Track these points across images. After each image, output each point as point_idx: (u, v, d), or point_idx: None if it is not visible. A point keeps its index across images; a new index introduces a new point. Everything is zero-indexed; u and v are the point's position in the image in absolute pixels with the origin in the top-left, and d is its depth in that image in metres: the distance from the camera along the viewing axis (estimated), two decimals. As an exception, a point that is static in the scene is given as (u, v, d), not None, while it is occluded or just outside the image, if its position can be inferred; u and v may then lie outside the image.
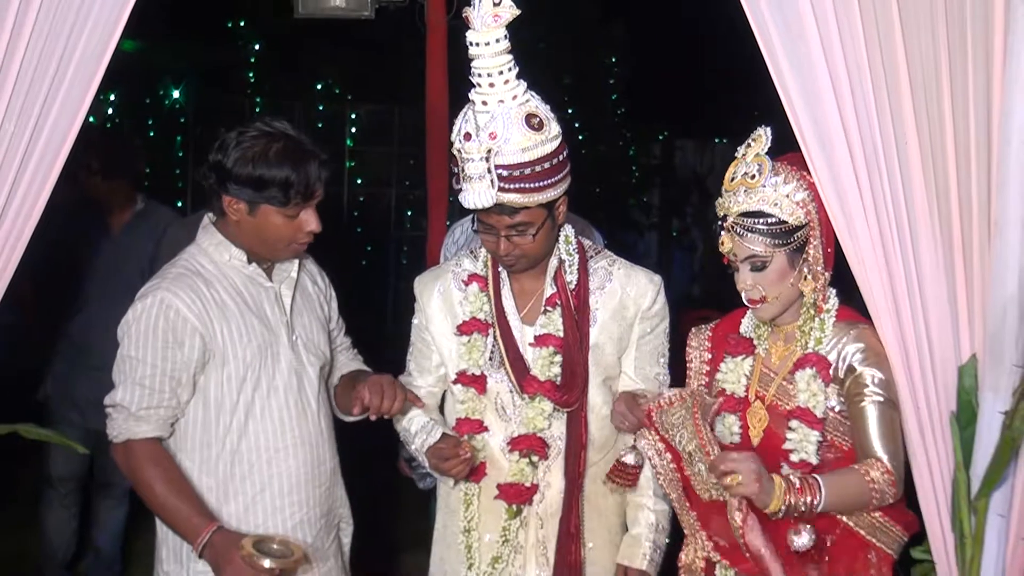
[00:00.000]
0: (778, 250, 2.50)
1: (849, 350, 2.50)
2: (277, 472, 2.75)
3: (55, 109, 2.16)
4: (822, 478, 2.42)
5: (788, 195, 2.47)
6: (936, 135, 2.21)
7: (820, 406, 2.51)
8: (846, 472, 2.46)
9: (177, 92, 7.71)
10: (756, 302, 2.57)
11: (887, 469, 2.41)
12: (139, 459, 2.64)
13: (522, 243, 2.72)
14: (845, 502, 2.44)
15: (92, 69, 2.18)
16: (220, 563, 2.54)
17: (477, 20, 2.54)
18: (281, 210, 2.64)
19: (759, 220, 2.50)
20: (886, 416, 2.44)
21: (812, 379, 2.52)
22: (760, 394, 2.62)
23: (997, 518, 2.22)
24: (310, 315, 2.88)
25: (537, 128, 2.60)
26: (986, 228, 2.20)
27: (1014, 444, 2.15)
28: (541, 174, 2.62)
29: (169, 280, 2.67)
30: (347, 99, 8.42)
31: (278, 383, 2.74)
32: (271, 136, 2.64)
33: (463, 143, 2.60)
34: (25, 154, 2.15)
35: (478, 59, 2.56)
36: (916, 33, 2.18)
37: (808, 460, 2.50)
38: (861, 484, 2.41)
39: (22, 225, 2.21)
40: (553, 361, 2.80)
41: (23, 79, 2.11)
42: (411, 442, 2.90)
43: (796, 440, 2.51)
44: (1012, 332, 2.15)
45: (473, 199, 2.61)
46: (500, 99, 2.58)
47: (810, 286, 2.52)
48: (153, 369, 2.63)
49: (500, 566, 2.84)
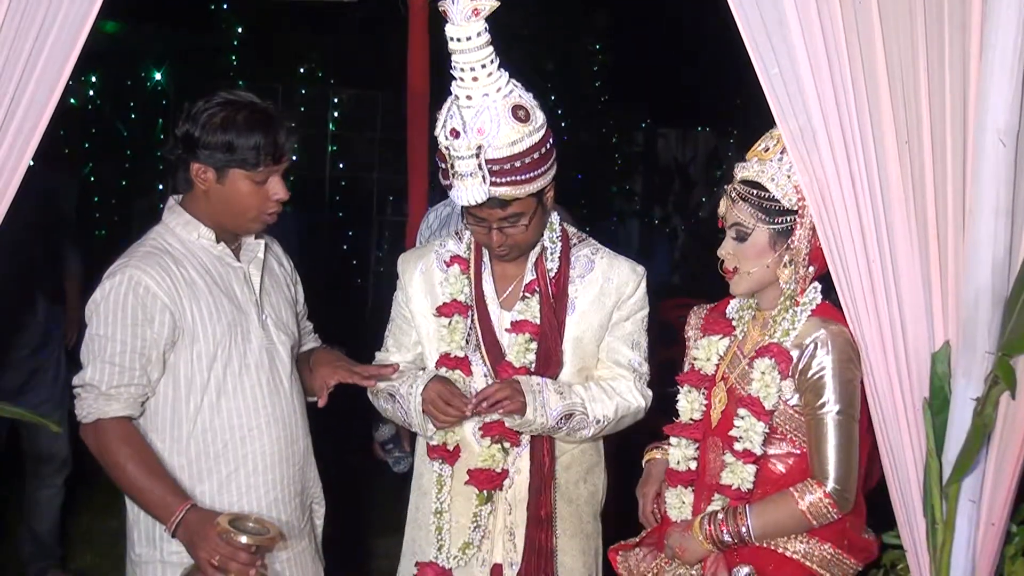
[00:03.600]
0: (761, 224, 2.51)
1: (819, 352, 2.47)
2: (251, 451, 2.74)
3: (31, 86, 2.15)
4: (750, 508, 2.47)
5: (788, 176, 2.47)
6: (912, 125, 2.22)
7: (771, 398, 2.50)
8: (778, 499, 2.49)
9: (159, 75, 7.67)
10: (730, 273, 2.58)
11: (826, 493, 2.43)
12: (110, 439, 2.62)
13: (514, 233, 2.73)
14: (780, 529, 2.48)
15: (69, 45, 2.16)
16: (195, 540, 2.53)
17: (457, 15, 2.51)
18: (250, 174, 2.65)
19: (753, 190, 2.51)
20: (843, 432, 2.44)
21: (769, 369, 2.51)
22: (725, 376, 2.64)
23: (968, 504, 2.24)
24: (278, 295, 2.88)
25: (524, 120, 2.60)
26: (960, 217, 2.21)
27: (985, 430, 2.17)
28: (530, 165, 2.63)
29: (137, 258, 2.66)
30: (329, 83, 8.39)
31: (249, 361, 2.74)
32: (237, 104, 2.67)
33: (451, 140, 2.59)
34: (0, 130, 2.14)
35: (459, 53, 2.55)
36: (894, 22, 2.19)
37: (752, 450, 2.51)
38: (793, 511, 2.45)
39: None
40: (528, 348, 2.80)
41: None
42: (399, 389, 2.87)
43: (742, 428, 2.52)
44: (985, 320, 2.16)
45: (466, 196, 2.61)
46: (484, 92, 2.57)
47: (786, 274, 2.52)
48: (123, 347, 2.61)
49: (470, 551, 2.85)
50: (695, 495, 2.66)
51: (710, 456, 2.63)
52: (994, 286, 2.16)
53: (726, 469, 2.54)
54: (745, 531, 2.46)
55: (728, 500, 2.53)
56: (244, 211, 2.70)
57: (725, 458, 2.55)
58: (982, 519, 2.26)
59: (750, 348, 2.61)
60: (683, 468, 2.68)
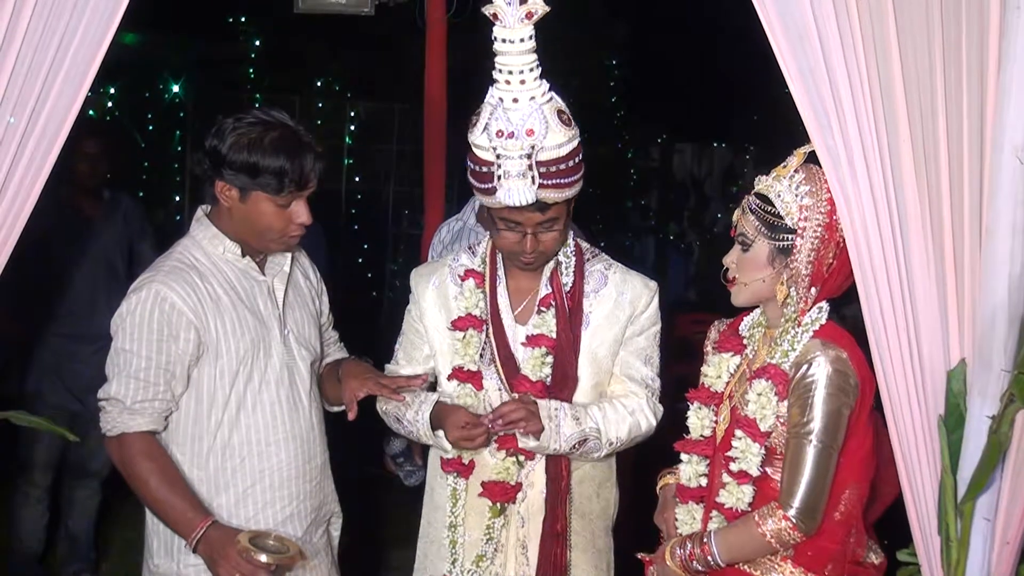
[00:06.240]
0: (762, 238, 2.50)
1: (811, 375, 2.44)
2: (268, 466, 2.75)
3: (51, 97, 2.16)
4: (715, 534, 2.50)
5: (796, 194, 2.46)
6: (929, 141, 2.22)
7: (768, 419, 2.49)
8: (741, 524, 2.49)
9: (177, 86, 7.70)
10: (730, 283, 2.58)
11: (788, 519, 2.41)
12: (133, 453, 2.64)
13: (547, 239, 2.74)
14: (745, 553, 2.49)
15: (90, 56, 2.17)
16: (215, 557, 2.54)
17: (510, 17, 2.49)
18: (273, 198, 2.64)
19: (759, 203, 2.51)
20: (819, 462, 2.42)
21: (766, 391, 2.49)
22: (731, 393, 2.63)
23: (983, 522, 2.23)
24: (302, 310, 2.88)
25: (568, 124, 2.61)
26: (977, 235, 2.20)
27: (1001, 448, 2.16)
28: (573, 168, 2.64)
29: (164, 273, 2.67)
30: (347, 96, 8.41)
31: (270, 377, 2.74)
32: (268, 124, 2.64)
33: (503, 141, 2.57)
34: (21, 142, 2.15)
35: (506, 56, 2.53)
36: (911, 37, 2.19)
37: (748, 471, 2.50)
38: (754, 535, 2.45)
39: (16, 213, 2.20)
40: (545, 362, 2.80)
41: (20, 66, 2.11)
42: (402, 420, 2.89)
43: (739, 449, 2.52)
44: (1001, 338, 2.16)
45: (516, 196, 2.59)
46: (531, 96, 2.56)
47: (783, 293, 2.51)
48: (148, 362, 2.62)
49: (484, 564, 2.85)
50: (705, 512, 2.66)
51: (716, 472, 2.63)
52: (1011, 304, 2.15)
53: (724, 489, 2.54)
54: (711, 559, 2.48)
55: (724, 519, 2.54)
56: (266, 232, 2.70)
57: (723, 478, 2.55)
58: (997, 537, 2.24)
59: (757, 366, 2.60)
60: (694, 485, 2.68)
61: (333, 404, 2.95)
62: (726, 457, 2.54)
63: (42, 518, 4.71)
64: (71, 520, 4.81)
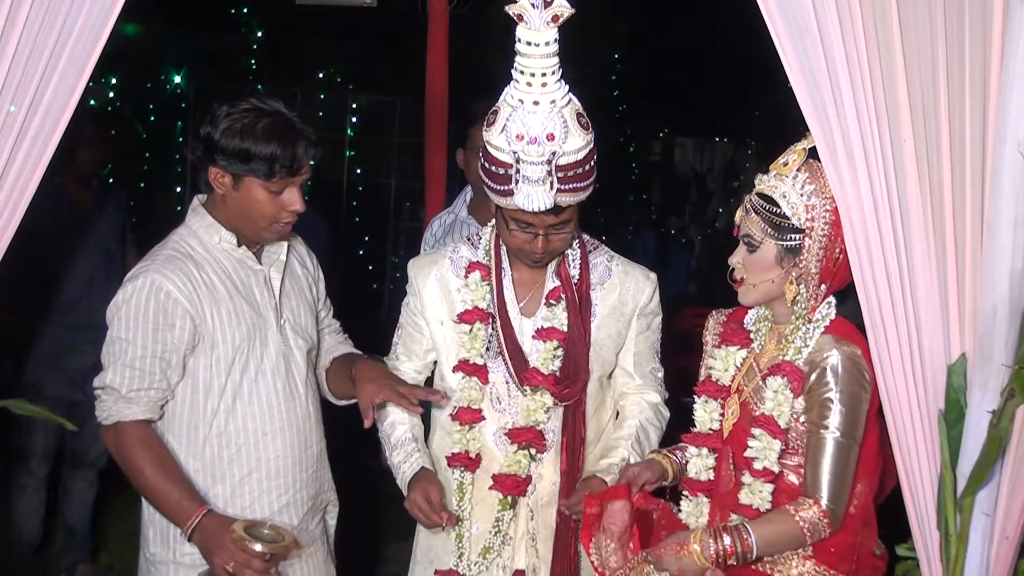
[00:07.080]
0: (769, 239, 2.50)
1: (828, 375, 2.46)
2: (264, 455, 2.75)
3: (52, 86, 2.16)
4: (752, 525, 2.46)
5: (801, 194, 2.46)
6: (932, 135, 2.21)
7: (785, 416, 2.50)
8: (775, 516, 2.48)
9: (178, 78, 7.70)
10: (737, 283, 2.58)
11: (823, 511, 2.43)
12: (129, 442, 2.64)
13: (557, 239, 2.74)
14: (780, 544, 2.48)
15: (90, 45, 2.17)
16: (210, 546, 2.55)
17: (536, 20, 2.46)
18: (265, 184, 2.64)
19: (764, 204, 2.51)
20: (842, 456, 2.44)
21: (782, 388, 2.50)
22: (740, 388, 2.63)
23: (982, 516, 2.23)
24: (298, 298, 2.89)
25: (586, 128, 2.60)
26: (979, 230, 2.20)
27: (1000, 443, 2.16)
28: (589, 172, 2.64)
29: (159, 262, 2.67)
30: (348, 88, 8.40)
31: (266, 366, 2.75)
32: (261, 111, 2.65)
33: (523, 145, 2.53)
34: (21, 131, 2.14)
35: (529, 58, 2.49)
36: (914, 30, 2.18)
37: (770, 468, 2.51)
38: (791, 527, 2.44)
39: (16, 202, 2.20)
40: (556, 355, 2.80)
41: (21, 54, 2.11)
42: (388, 453, 2.92)
43: (759, 448, 2.52)
44: (1002, 333, 2.15)
45: (535, 202, 2.57)
46: (552, 99, 2.53)
47: (792, 292, 2.51)
48: (143, 351, 2.63)
49: (491, 556, 2.85)
50: (712, 506, 2.66)
51: (722, 465, 2.63)
52: (1012, 299, 2.15)
53: (744, 489, 2.54)
54: (749, 554, 2.45)
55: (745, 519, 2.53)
56: (258, 219, 2.70)
57: (743, 478, 2.54)
58: (996, 532, 2.24)
59: (766, 362, 2.60)
60: (703, 478, 2.67)
61: (341, 398, 2.95)
62: (738, 449, 2.54)
63: (39, 509, 4.72)
64: (68, 511, 4.82)
